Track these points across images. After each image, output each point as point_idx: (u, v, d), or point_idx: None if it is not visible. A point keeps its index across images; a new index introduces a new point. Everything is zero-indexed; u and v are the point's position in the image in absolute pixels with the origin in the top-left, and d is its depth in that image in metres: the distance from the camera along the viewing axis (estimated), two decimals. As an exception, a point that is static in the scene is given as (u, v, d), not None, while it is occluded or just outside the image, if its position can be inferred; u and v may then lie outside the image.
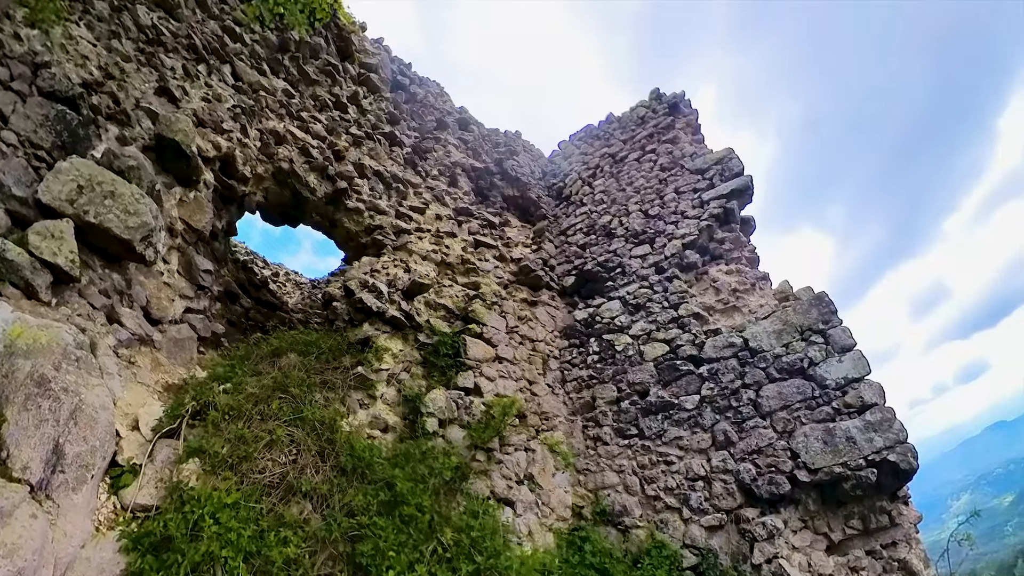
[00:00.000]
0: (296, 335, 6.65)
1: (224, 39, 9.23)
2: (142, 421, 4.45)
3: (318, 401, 5.62)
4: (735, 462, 6.86)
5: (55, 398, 3.93)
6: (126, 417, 4.46)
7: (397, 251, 8.19)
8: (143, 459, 4.09)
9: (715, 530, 6.79)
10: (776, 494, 6.40)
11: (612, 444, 8.05)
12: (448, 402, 6.77)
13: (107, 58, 7.21)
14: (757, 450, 6.74)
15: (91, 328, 5.18)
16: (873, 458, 5.87)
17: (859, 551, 6.03)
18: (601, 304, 8.99)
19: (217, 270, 7.90)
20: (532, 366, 8.48)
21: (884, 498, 5.99)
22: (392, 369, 6.92)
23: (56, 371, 4.15)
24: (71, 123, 6.26)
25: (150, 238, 6.02)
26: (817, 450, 6.24)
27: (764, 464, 6.62)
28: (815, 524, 6.28)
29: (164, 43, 8.07)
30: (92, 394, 4.20)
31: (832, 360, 6.59)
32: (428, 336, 7.33)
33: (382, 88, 10.31)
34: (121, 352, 5.29)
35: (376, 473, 5.13)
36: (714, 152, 8.93)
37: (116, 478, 3.93)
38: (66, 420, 3.87)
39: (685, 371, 7.70)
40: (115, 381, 4.70)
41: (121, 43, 7.53)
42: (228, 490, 4.01)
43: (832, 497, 6.20)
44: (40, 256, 5.25)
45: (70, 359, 4.35)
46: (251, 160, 8.30)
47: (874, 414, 6.09)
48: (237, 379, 5.32)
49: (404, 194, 8.89)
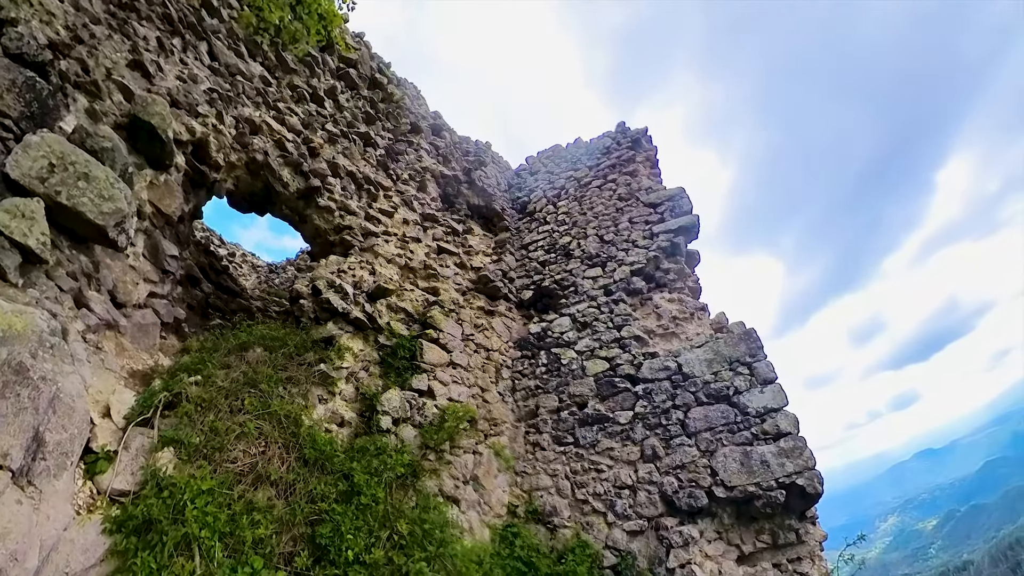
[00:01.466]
0: (263, 329, 6.82)
1: (201, 13, 9.00)
2: (114, 409, 4.60)
3: (283, 396, 5.86)
4: (660, 475, 7.49)
5: (34, 387, 4.04)
6: (97, 404, 4.60)
7: (364, 252, 8.42)
8: (118, 447, 4.26)
9: (636, 535, 7.40)
10: (695, 507, 7.06)
11: (549, 450, 8.58)
12: (402, 402, 7.10)
13: (75, 17, 6.79)
14: (681, 465, 7.38)
15: (61, 313, 5.19)
16: (784, 481, 6.54)
17: (767, 563, 6.67)
18: (554, 319, 9.50)
19: (180, 253, 7.86)
20: (485, 374, 8.90)
21: (793, 517, 6.65)
22: (352, 368, 7.19)
23: (33, 359, 4.24)
24: (40, 92, 5.87)
25: (123, 224, 6.02)
26: (734, 470, 6.92)
27: (686, 478, 7.27)
28: (729, 536, 6.91)
29: (137, 9, 7.78)
30: (68, 382, 4.32)
31: (755, 390, 7.33)
32: (388, 338, 7.62)
33: (360, 85, 10.41)
34: (89, 337, 5.33)
35: (335, 465, 5.44)
36: (667, 189, 9.60)
37: (91, 464, 4.08)
38: (45, 409, 4.00)
39: (622, 388, 8.30)
40: (85, 367, 4.80)
41: (91, 3, 7.08)
42: (203, 477, 4.26)
43: (746, 513, 6.85)
44: (10, 236, 5.13)
45: (45, 346, 4.43)
46: (225, 148, 8.27)
47: (788, 442, 6.80)
48: (207, 371, 5.49)
49: (375, 196, 9.08)
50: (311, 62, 10.15)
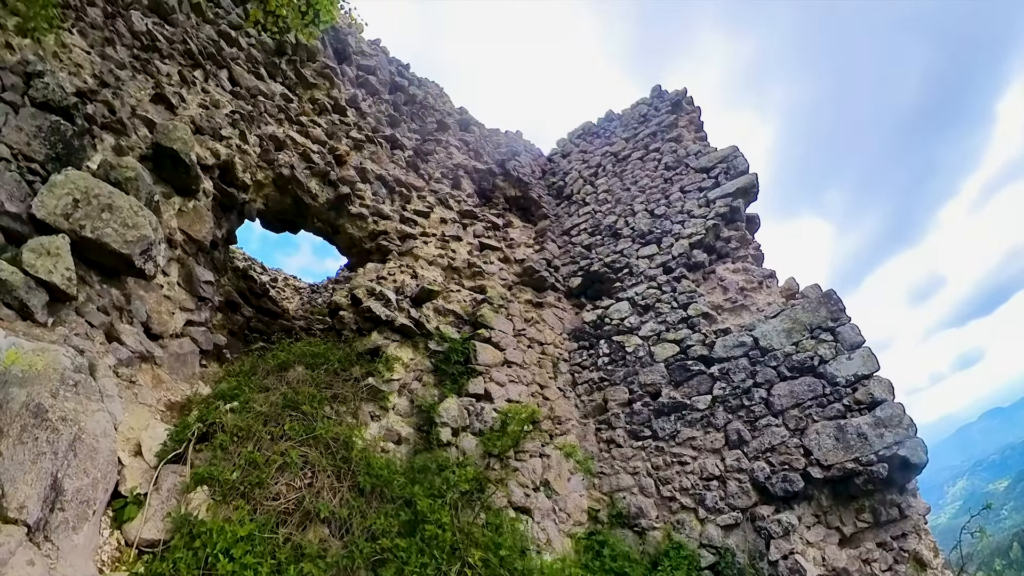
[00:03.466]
0: (303, 347, 6.30)
1: (220, 43, 8.85)
2: (145, 446, 4.10)
3: (329, 416, 5.28)
4: (749, 461, 6.67)
5: (53, 429, 3.57)
6: (128, 442, 4.11)
7: (403, 256, 7.85)
8: (148, 488, 3.74)
9: (731, 529, 6.61)
10: (790, 491, 6.26)
11: (626, 446, 7.77)
12: (460, 410, 6.45)
13: (101, 66, 6.87)
14: (770, 448, 6.56)
15: (90, 348, 4.81)
16: (884, 453, 5.79)
17: (871, 543, 5.95)
18: (610, 305, 8.69)
19: (217, 280, 7.52)
20: (542, 369, 8.17)
21: (894, 491, 5.92)
22: (403, 379, 6.59)
23: (53, 399, 3.79)
24: (65, 134, 5.85)
25: (149, 252, 5.64)
26: (829, 447, 6.13)
27: (778, 462, 6.45)
28: (828, 519, 6.17)
29: (159, 49, 7.73)
30: (92, 421, 3.85)
31: (842, 358, 6.44)
32: (438, 343, 7.00)
33: (381, 90, 9.93)
34: (121, 371, 4.92)
35: (394, 491, 4.82)
36: (719, 150, 8.67)
37: (119, 510, 3.58)
38: (65, 452, 3.51)
39: (696, 371, 7.44)
40: (115, 403, 4.34)
41: (115, 50, 7.17)
42: (241, 520, 3.67)
43: (844, 492, 6.10)
44: (35, 275, 4.85)
45: (68, 384, 3.99)
46: (251, 167, 7.92)
47: (884, 410, 6.01)
48: (244, 396, 4.97)
49: (408, 198, 8.53)
50: (329, 74, 9.74)
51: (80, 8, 6.85)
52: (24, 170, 5.64)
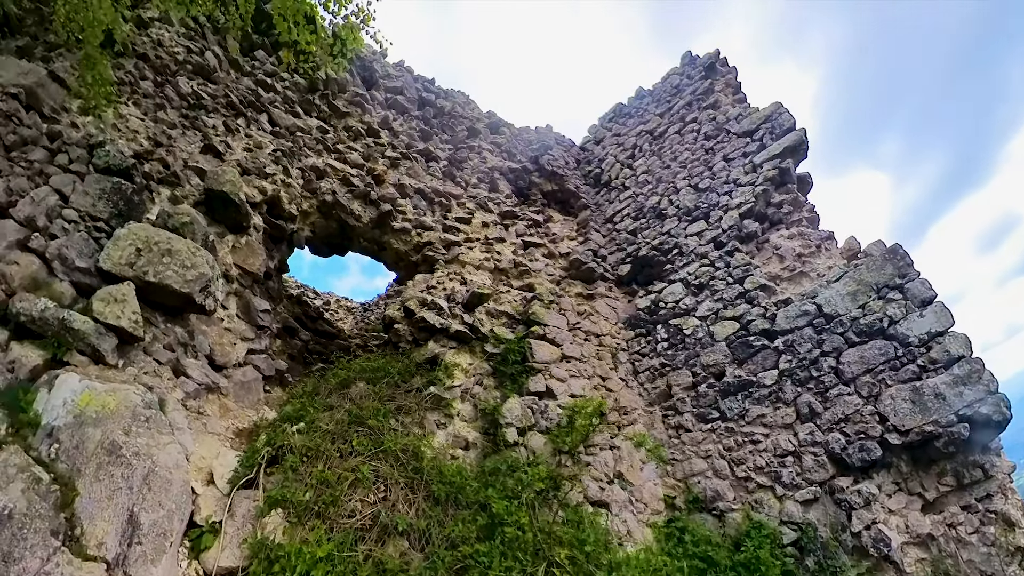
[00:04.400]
0: (362, 363, 6.19)
1: (258, 91, 9.06)
2: (217, 474, 4.02)
3: (396, 429, 5.11)
4: (823, 433, 6.14)
5: (127, 464, 3.53)
6: (200, 472, 4.04)
7: (450, 264, 7.69)
8: (223, 515, 3.64)
9: (811, 503, 6.11)
10: (868, 460, 5.75)
11: (695, 430, 7.31)
12: (523, 409, 6.18)
13: (155, 128, 7.18)
14: (844, 418, 6.02)
15: (159, 385, 4.83)
16: (964, 412, 5.25)
17: (954, 507, 5.43)
18: (662, 289, 8.23)
19: (273, 308, 7.57)
20: (601, 361, 7.81)
21: (976, 451, 5.38)
22: (464, 384, 6.39)
23: (126, 435, 3.77)
24: (126, 192, 6.08)
25: (208, 288, 5.69)
26: (906, 411, 5.57)
27: (853, 431, 5.91)
28: (909, 485, 5.65)
29: (204, 105, 8.02)
30: (164, 454, 3.80)
31: (913, 316, 5.80)
32: (494, 345, 6.77)
33: (410, 108, 9.89)
34: (189, 404, 4.92)
35: (468, 496, 4.58)
36: (760, 110, 8.04)
37: (196, 540, 3.48)
38: (139, 486, 3.45)
39: (759, 346, 6.90)
40: (186, 435, 4.31)
41: (166, 112, 7.51)
42: (318, 540, 3.50)
43: (923, 457, 5.57)
44: (104, 321, 4.95)
45: (140, 420, 3.97)
46: (296, 198, 7.99)
47: (961, 367, 5.43)
48: (309, 417, 4.86)
49: (448, 207, 8.39)
50: (360, 101, 9.78)
51: (134, 82, 7.28)
52: (91, 228, 5.86)
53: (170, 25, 8.41)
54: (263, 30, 9.83)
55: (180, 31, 8.48)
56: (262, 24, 9.75)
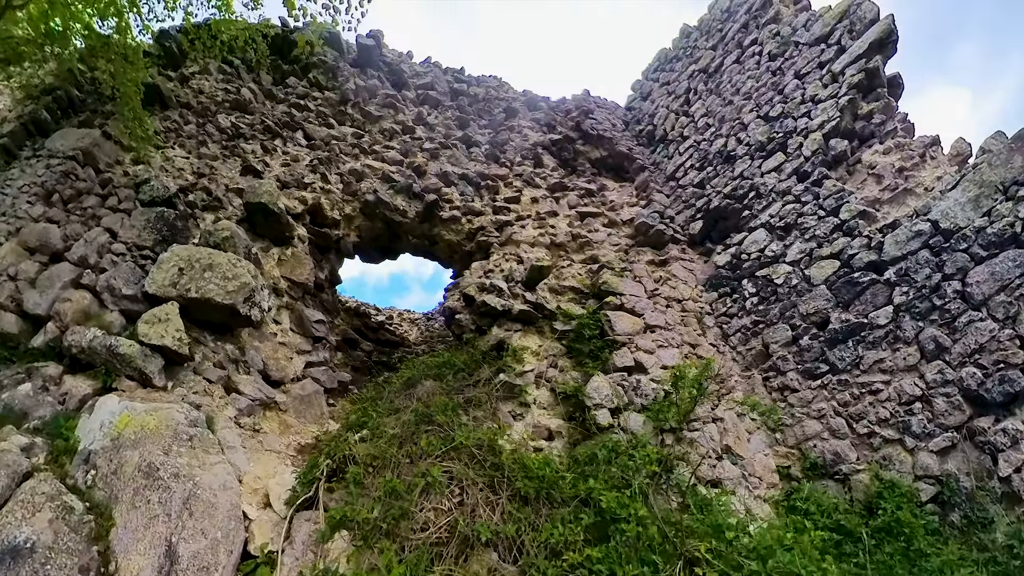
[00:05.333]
0: (426, 360, 5.55)
1: (292, 112, 8.78)
2: (273, 495, 3.41)
3: (467, 423, 4.39)
4: (954, 370, 4.88)
5: (164, 487, 2.96)
6: (255, 494, 3.45)
7: (504, 246, 6.96)
8: (280, 542, 2.99)
9: (948, 452, 4.87)
10: (1011, 393, 4.50)
11: (803, 389, 6.16)
12: (613, 387, 5.32)
13: (198, 164, 7.12)
14: (978, 348, 4.75)
15: (208, 403, 4.34)
16: None
17: None
18: (742, 239, 7.13)
19: (330, 321, 7.13)
20: (687, 328, 6.82)
21: None
22: (536, 368, 5.61)
23: (166, 455, 3.22)
24: (169, 219, 5.89)
25: (252, 298, 5.22)
26: None
27: (990, 362, 4.63)
28: None
29: (243, 134, 7.87)
30: (209, 474, 3.22)
31: None
32: (564, 322, 5.96)
33: (443, 100, 9.33)
34: (243, 421, 4.39)
35: (564, 491, 3.76)
36: (833, 7, 6.79)
37: (250, 573, 2.84)
38: (179, 511, 2.86)
39: (866, 283, 5.70)
40: (238, 454, 3.75)
41: (208, 147, 7.48)
42: (388, 565, 2.78)
43: None
44: (149, 342, 4.56)
45: (182, 439, 3.43)
46: (337, 203, 7.53)
47: None
48: (373, 422, 4.23)
49: (495, 188, 7.69)
50: (392, 102, 9.31)
51: (178, 128, 7.43)
52: (137, 257, 5.61)
53: (209, 75, 8.57)
54: (292, 58, 9.74)
55: (219, 77, 8.59)
56: (290, 53, 9.72)
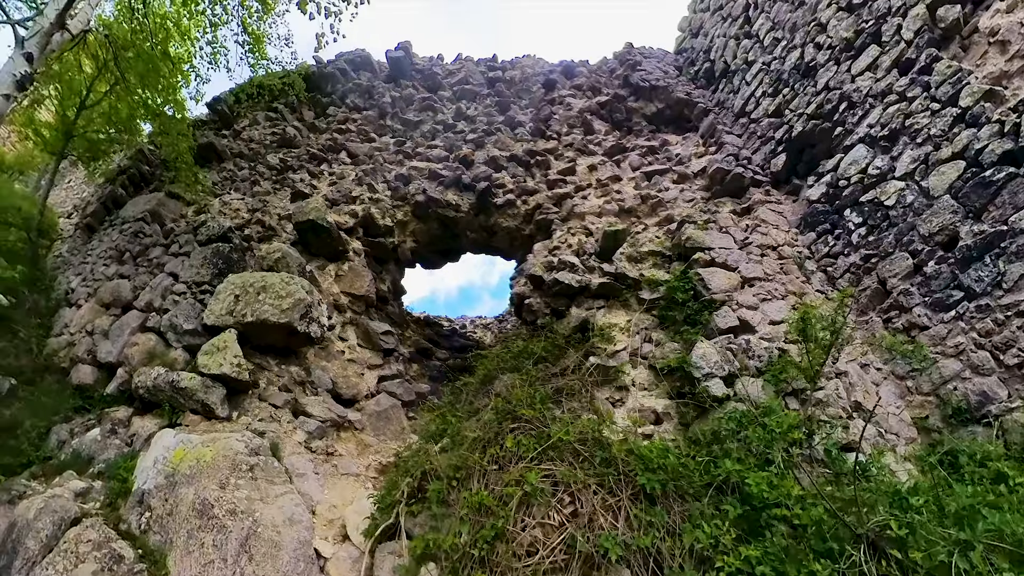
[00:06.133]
0: (500, 352, 4.89)
1: (335, 137, 8.63)
2: (350, 524, 2.86)
3: (560, 416, 3.68)
4: None
5: (219, 527, 2.46)
6: (331, 526, 2.90)
7: (567, 221, 6.23)
8: (361, 585, 2.41)
9: None
10: None
11: (934, 325, 4.91)
12: (722, 352, 4.43)
13: (252, 202, 7.13)
14: None
15: (275, 429, 3.88)
16: None
17: None
18: (837, 163, 5.92)
19: (400, 333, 6.70)
20: (788, 276, 5.78)
21: None
22: (629, 345, 4.83)
23: (221, 490, 2.73)
24: (223, 252, 5.72)
25: (309, 314, 4.79)
26: None
27: None
28: None
29: (290, 167, 7.82)
30: (273, 508, 2.70)
31: None
32: (651, 290, 5.13)
33: (479, 91, 8.82)
34: (315, 445, 3.92)
35: (695, 480, 2.95)
36: None
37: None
38: (236, 555, 2.35)
39: (1002, 179, 4.40)
40: (310, 481, 3.24)
41: (260, 185, 7.53)
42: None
43: None
44: (209, 372, 4.16)
45: (240, 470, 2.94)
46: (388, 210, 7.12)
47: None
48: (452, 429, 3.60)
49: (546, 163, 6.98)
50: (429, 105, 8.90)
51: (233, 175, 7.71)
52: (196, 293, 5.42)
53: (258, 124, 8.73)
54: (328, 91, 9.74)
55: (266, 125, 8.70)
56: (327, 86, 9.77)
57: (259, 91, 8.67)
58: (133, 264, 6.52)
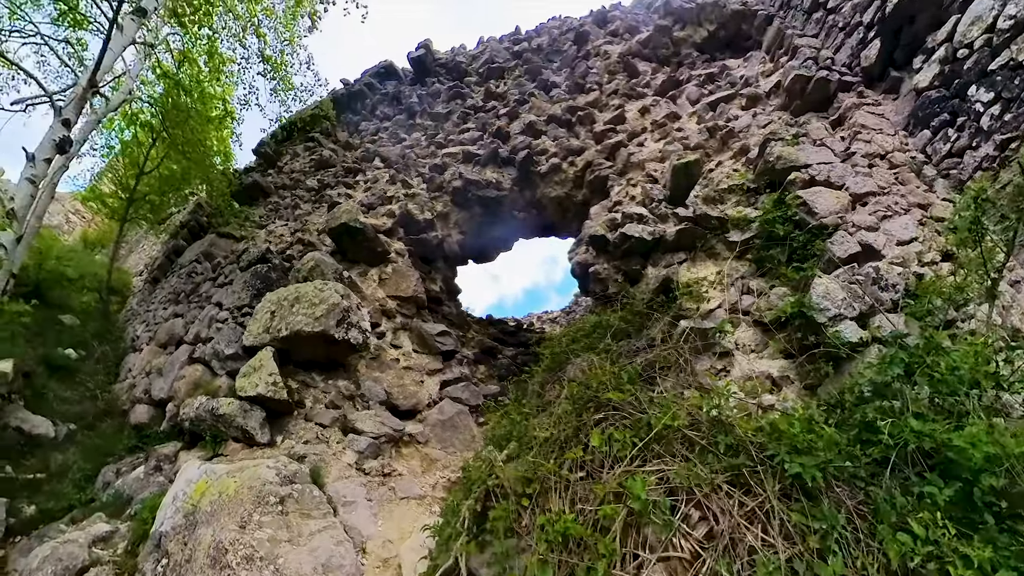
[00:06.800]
0: (569, 331, 4.06)
1: (367, 147, 8.37)
2: (407, 566, 2.19)
3: (664, 397, 2.79)
4: None
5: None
6: (385, 567, 2.27)
7: (624, 174, 5.32)
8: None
9: None
10: None
11: None
12: (846, 288, 3.40)
13: (295, 225, 7.05)
14: None
15: (322, 451, 3.27)
16: None
17: None
18: (951, 31, 4.60)
19: (460, 334, 6.05)
20: (906, 187, 4.52)
21: None
22: (724, 300, 3.88)
23: (241, 530, 2.10)
24: (261, 272, 5.38)
25: (347, 319, 4.18)
26: None
27: None
28: None
29: (327, 184, 7.67)
30: (303, 552, 2.05)
31: None
32: (742, 229, 4.14)
33: (506, 66, 8.15)
34: (368, 466, 3.27)
35: (859, 458, 2.03)
36: None
37: None
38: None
39: None
40: (360, 512, 2.58)
41: (300, 207, 7.44)
42: None
43: None
44: (245, 395, 3.63)
45: (267, 504, 2.30)
46: (426, 203, 6.51)
47: None
48: (518, 431, 2.82)
49: (590, 117, 6.10)
50: (458, 93, 8.36)
51: (276, 206, 7.82)
52: (237, 316, 5.04)
53: (297, 156, 8.84)
54: (359, 109, 9.81)
55: (305, 155, 8.76)
56: (356, 104, 9.87)
57: (295, 126, 9.21)
58: (187, 303, 6.44)
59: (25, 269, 6.62)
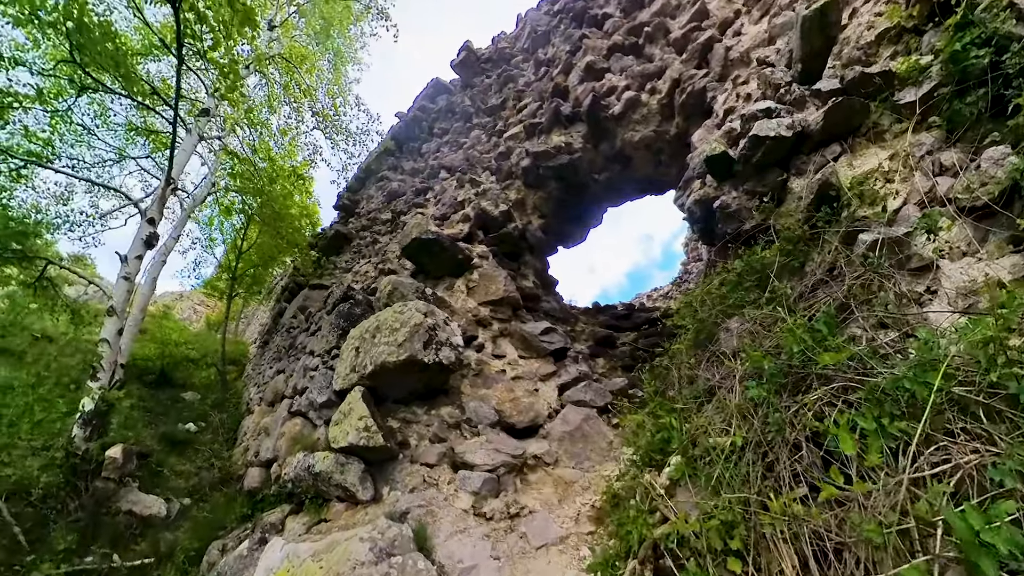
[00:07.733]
0: (708, 289, 2.97)
1: (431, 165, 8.05)
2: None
3: (884, 347, 1.69)
4: None
5: None
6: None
7: (728, 75, 4.13)
8: None
9: None
10: None
11: None
12: None
13: (376, 259, 6.87)
14: None
15: (429, 499, 2.61)
16: None
17: None
18: None
19: (568, 329, 5.18)
20: None
21: None
22: (908, 194, 2.66)
23: None
24: (344, 310, 5.03)
25: (434, 338, 3.46)
26: None
27: None
28: None
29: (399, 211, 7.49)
30: None
31: None
32: (913, 82, 2.86)
33: (549, 29, 7.31)
34: (488, 508, 2.51)
35: None
36: None
37: None
38: None
39: None
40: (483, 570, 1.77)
41: (379, 241, 7.32)
42: None
43: None
44: (338, 446, 3.10)
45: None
46: (498, 195, 5.81)
47: None
48: (677, 438, 1.87)
49: (663, 28, 4.92)
50: (506, 76, 7.82)
51: (359, 248, 7.82)
52: (327, 360, 4.67)
53: (372, 198, 8.85)
54: (417, 135, 9.50)
55: (377, 195, 8.74)
56: (416, 131, 9.56)
57: (366, 174, 9.60)
58: (287, 358, 6.28)
59: (149, 359, 6.95)
